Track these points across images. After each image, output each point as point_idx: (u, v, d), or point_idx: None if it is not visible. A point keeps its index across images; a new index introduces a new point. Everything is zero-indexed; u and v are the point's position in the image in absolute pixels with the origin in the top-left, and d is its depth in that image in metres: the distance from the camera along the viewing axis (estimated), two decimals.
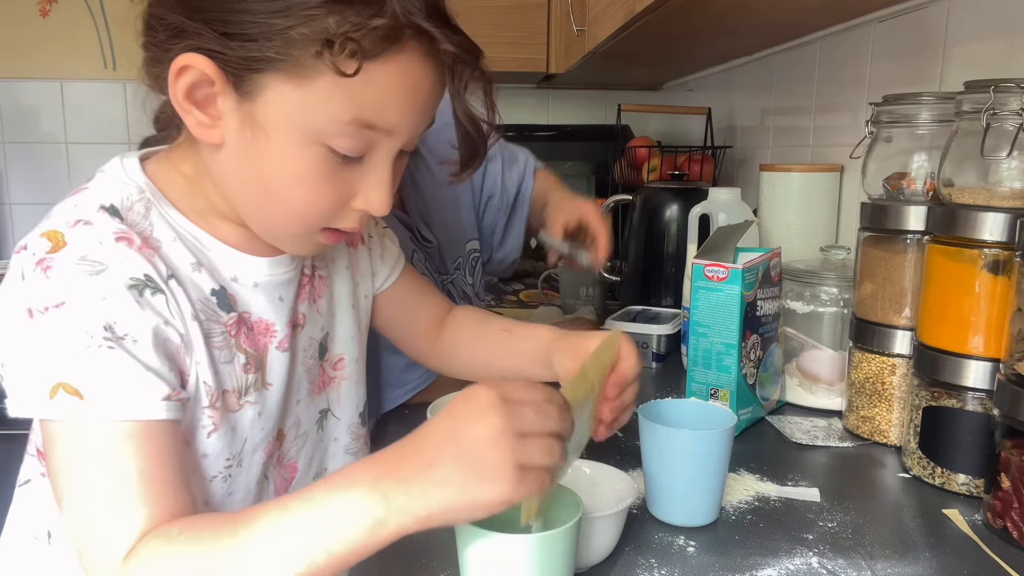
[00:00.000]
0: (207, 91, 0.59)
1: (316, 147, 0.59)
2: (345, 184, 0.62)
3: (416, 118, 0.62)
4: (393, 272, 0.87)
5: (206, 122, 0.60)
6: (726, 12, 1.20)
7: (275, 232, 0.66)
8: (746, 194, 1.34)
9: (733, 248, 1.03)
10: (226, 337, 0.65)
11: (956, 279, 0.79)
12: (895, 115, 0.94)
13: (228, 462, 0.65)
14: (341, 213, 0.64)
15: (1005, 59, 0.94)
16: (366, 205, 0.63)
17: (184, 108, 0.59)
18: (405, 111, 0.60)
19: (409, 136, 0.63)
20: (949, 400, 0.80)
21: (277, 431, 0.71)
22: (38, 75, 2.29)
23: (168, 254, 0.62)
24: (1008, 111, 0.73)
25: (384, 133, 0.60)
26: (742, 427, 0.95)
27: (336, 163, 0.60)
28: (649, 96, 2.46)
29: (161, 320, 0.59)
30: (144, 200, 0.63)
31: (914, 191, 0.94)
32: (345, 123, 0.58)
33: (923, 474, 0.82)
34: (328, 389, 0.79)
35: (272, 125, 0.58)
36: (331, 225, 0.65)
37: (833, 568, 0.66)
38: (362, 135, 0.59)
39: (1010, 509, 0.70)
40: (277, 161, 0.60)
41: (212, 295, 0.64)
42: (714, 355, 0.93)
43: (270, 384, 0.69)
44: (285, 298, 0.71)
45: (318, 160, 0.59)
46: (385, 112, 0.59)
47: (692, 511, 0.72)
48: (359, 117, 0.58)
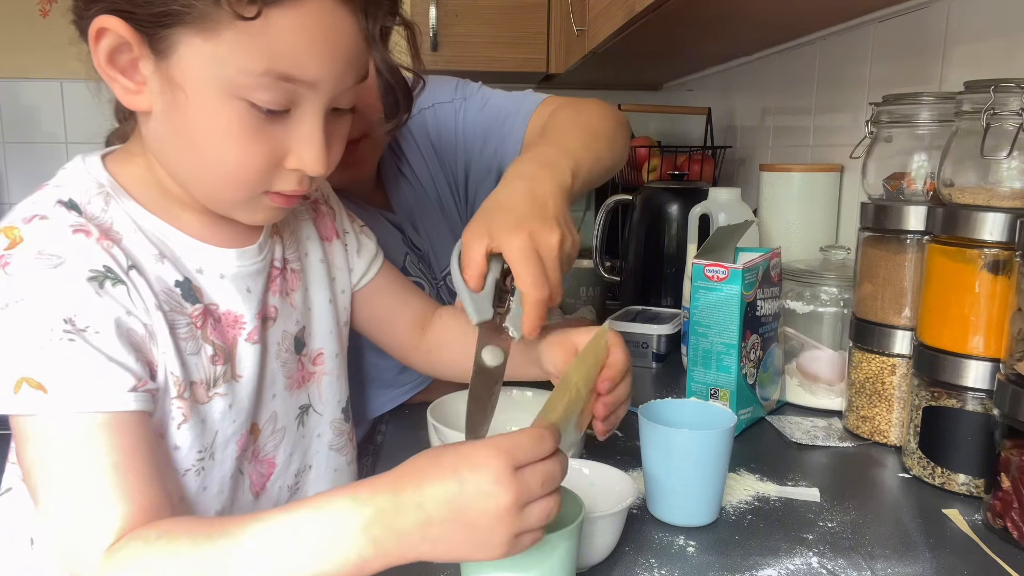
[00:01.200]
0: (128, 56, 0.59)
1: (236, 102, 0.58)
2: (275, 141, 0.61)
3: (336, 69, 0.60)
4: (370, 269, 0.86)
5: (132, 88, 0.60)
6: (726, 12, 1.20)
7: (220, 199, 0.64)
8: (746, 194, 1.34)
9: (733, 248, 1.03)
10: (191, 328, 0.64)
11: (956, 279, 0.79)
12: (895, 115, 0.94)
13: (200, 455, 0.65)
14: (277, 174, 0.63)
15: (1005, 59, 0.94)
16: (300, 164, 0.62)
17: (109, 75, 0.59)
18: (321, 61, 0.58)
19: (334, 89, 0.61)
20: (949, 400, 0.80)
21: (251, 425, 0.70)
22: (38, 75, 2.29)
23: (129, 246, 0.62)
24: (1008, 111, 0.73)
25: (305, 86, 0.59)
26: (742, 427, 0.95)
27: (260, 118, 0.59)
28: (649, 96, 2.46)
29: (123, 310, 0.58)
30: (103, 194, 0.63)
31: (914, 191, 0.94)
32: (259, 75, 0.57)
33: (923, 474, 0.82)
34: (308, 384, 0.78)
35: (189, 83, 0.58)
36: (271, 188, 0.63)
37: (833, 568, 0.66)
38: (281, 87, 0.58)
39: (1010, 509, 0.70)
40: (200, 120, 0.59)
41: (176, 286, 0.64)
42: (714, 355, 0.93)
43: (240, 376, 0.68)
44: (253, 290, 0.70)
45: (240, 116, 0.58)
46: (300, 62, 0.57)
47: (692, 511, 0.72)
48: (272, 68, 0.57)
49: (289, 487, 0.76)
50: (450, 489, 0.50)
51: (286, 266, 0.75)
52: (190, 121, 0.59)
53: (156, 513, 0.56)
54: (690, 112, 1.96)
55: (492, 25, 1.95)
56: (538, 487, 0.51)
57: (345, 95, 0.63)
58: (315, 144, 0.61)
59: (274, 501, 0.74)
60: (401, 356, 0.91)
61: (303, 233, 0.79)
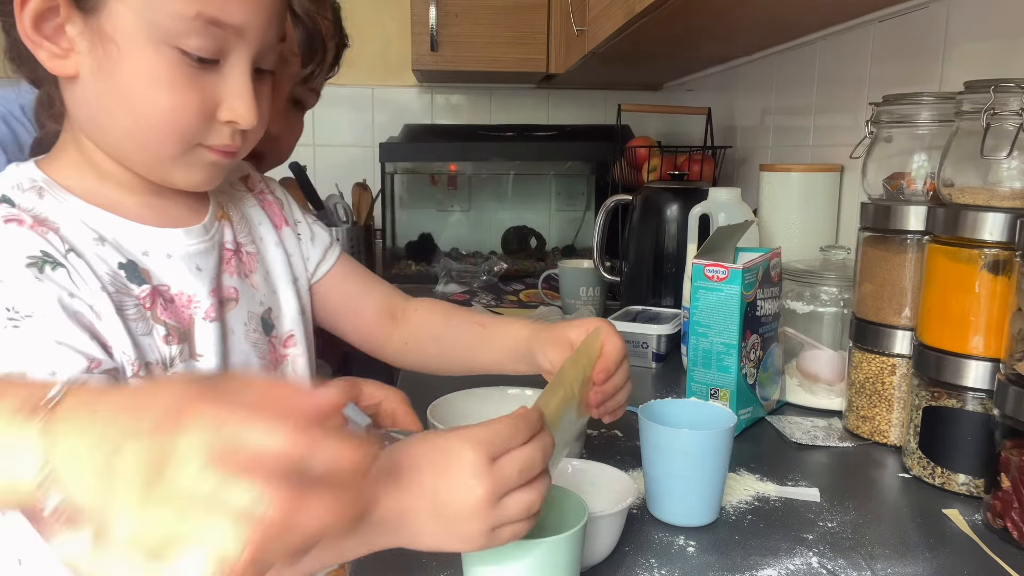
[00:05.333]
0: (53, 22, 0.59)
1: (168, 49, 0.59)
2: (207, 92, 0.62)
3: (261, 15, 0.62)
4: (327, 258, 0.86)
5: (58, 52, 0.60)
6: (726, 12, 1.20)
7: (154, 155, 0.64)
8: (746, 194, 1.34)
9: (733, 248, 1.03)
10: (140, 309, 0.64)
11: (956, 279, 0.79)
12: (895, 115, 0.94)
13: None
14: (210, 127, 0.64)
15: (1005, 59, 0.94)
16: (232, 115, 0.63)
17: (35, 42, 0.60)
18: (248, 5, 0.61)
19: (260, 40, 0.63)
20: (949, 400, 0.80)
21: None
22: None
23: (66, 234, 0.62)
24: (1008, 111, 0.73)
25: (233, 33, 0.61)
26: (742, 427, 0.95)
27: (192, 67, 0.60)
28: (649, 96, 2.46)
29: (65, 292, 0.59)
30: (36, 189, 0.64)
31: (914, 191, 0.94)
32: (190, 19, 0.58)
33: (923, 474, 0.82)
34: (283, 366, 0.78)
35: (121, 33, 0.59)
36: (205, 141, 0.64)
37: (833, 568, 0.66)
38: (211, 33, 0.59)
39: (1010, 509, 0.70)
40: (133, 69, 0.60)
41: (120, 268, 0.64)
42: (714, 355, 0.93)
43: (200, 355, 0.68)
44: (204, 268, 0.70)
45: (172, 63, 0.60)
46: (228, 5, 0.59)
47: (692, 511, 0.72)
48: (203, 12, 0.58)
49: None
50: (424, 476, 0.50)
51: (240, 248, 0.75)
52: (123, 72, 0.60)
53: None
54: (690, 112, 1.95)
55: (492, 25, 1.95)
56: (515, 476, 0.51)
57: (268, 53, 0.65)
58: (245, 95, 0.63)
59: None
60: (373, 350, 0.90)
61: (255, 218, 0.80)
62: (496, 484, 0.50)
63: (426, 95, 2.47)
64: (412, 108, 2.46)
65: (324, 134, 2.40)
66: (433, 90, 2.47)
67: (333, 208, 2.01)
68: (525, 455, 0.51)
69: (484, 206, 2.26)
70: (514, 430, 0.51)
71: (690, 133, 2.07)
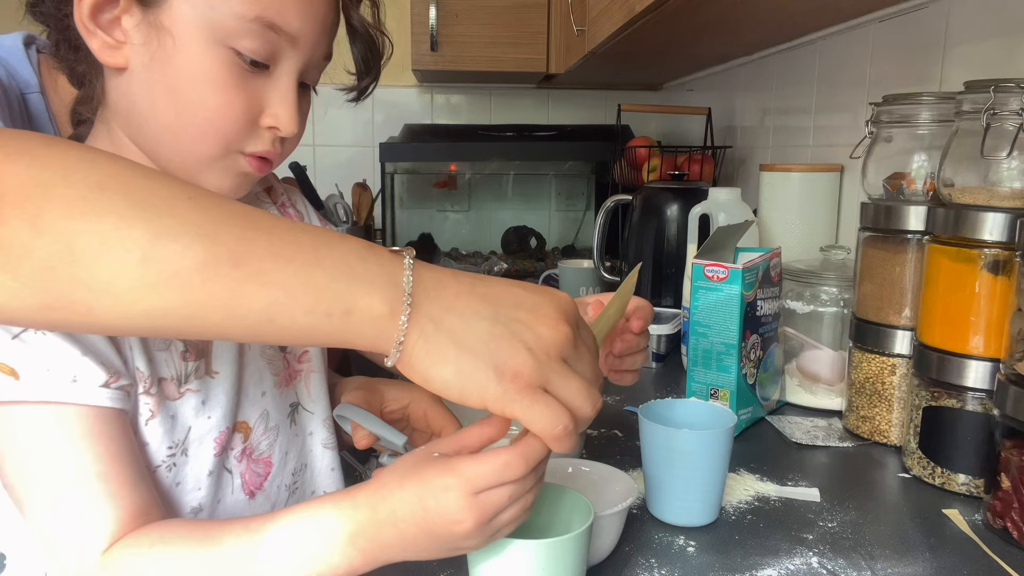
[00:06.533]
0: (112, 13, 0.60)
1: (222, 49, 0.60)
2: (253, 95, 0.63)
3: (316, 26, 0.63)
4: None
5: (111, 43, 0.61)
6: (726, 12, 1.20)
7: (193, 153, 0.64)
8: (746, 194, 1.34)
9: (733, 248, 1.03)
10: None
11: (956, 279, 0.79)
12: (895, 115, 0.94)
13: (171, 451, 0.64)
14: (252, 131, 0.64)
15: (1005, 59, 0.94)
16: (275, 120, 0.64)
17: (89, 30, 0.60)
18: (305, 13, 0.62)
19: (311, 51, 0.64)
20: (949, 400, 0.80)
21: (235, 423, 0.70)
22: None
23: None
24: (1008, 111, 0.73)
25: (287, 40, 0.62)
26: (742, 427, 0.95)
27: (243, 69, 0.61)
28: (649, 96, 2.46)
29: None
30: None
31: (914, 191, 0.94)
32: (249, 21, 0.59)
33: (923, 474, 0.82)
34: (296, 382, 0.78)
35: (179, 27, 0.59)
36: (244, 148, 0.64)
37: (833, 568, 0.66)
38: (267, 37, 0.60)
39: (1010, 509, 0.70)
40: (186, 65, 0.60)
41: None
42: (714, 355, 0.93)
43: (216, 372, 0.68)
44: None
45: (225, 63, 0.60)
46: (287, 11, 0.60)
47: (692, 511, 0.72)
48: (262, 16, 0.59)
49: (287, 486, 0.76)
50: (417, 514, 0.52)
51: None
52: (175, 69, 0.60)
53: (146, 517, 0.57)
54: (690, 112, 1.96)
55: (492, 25, 1.95)
56: (504, 502, 0.51)
57: (313, 69, 0.66)
58: (290, 102, 0.64)
59: (272, 501, 0.73)
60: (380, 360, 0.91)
61: None
62: (483, 514, 0.51)
63: (426, 95, 2.47)
64: (412, 108, 2.46)
65: (324, 134, 2.40)
66: (433, 90, 2.47)
67: (333, 208, 2.01)
68: (514, 490, 0.52)
69: (484, 206, 2.26)
70: (503, 468, 0.51)
71: (690, 133, 2.07)
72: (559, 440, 0.49)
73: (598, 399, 0.51)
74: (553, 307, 0.51)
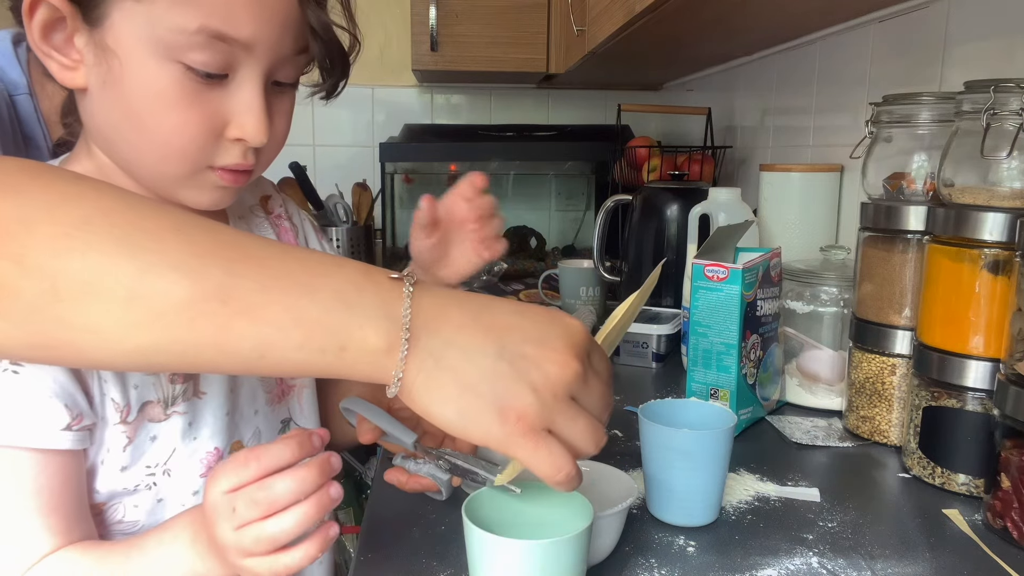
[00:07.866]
0: (62, 32, 0.57)
1: (171, 65, 0.56)
2: (214, 109, 0.59)
3: (271, 30, 0.58)
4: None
5: (67, 64, 0.58)
6: (726, 12, 1.20)
7: (162, 174, 0.62)
8: (746, 194, 1.34)
9: (733, 248, 1.03)
10: None
11: (956, 279, 0.79)
12: (895, 115, 0.94)
13: (150, 471, 0.64)
14: (219, 146, 0.61)
15: (1005, 59, 0.94)
16: (241, 132, 0.60)
17: (44, 52, 0.58)
18: (254, 18, 0.57)
19: (272, 55, 0.59)
20: (949, 400, 0.80)
21: (228, 443, 0.69)
22: None
23: None
24: (1008, 111, 0.73)
25: (241, 47, 0.57)
26: (742, 427, 0.95)
27: (198, 83, 0.57)
28: (649, 96, 2.46)
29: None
30: None
31: (914, 191, 0.94)
32: (192, 33, 0.55)
33: (923, 474, 0.82)
34: (288, 398, 0.77)
35: (123, 48, 0.56)
36: (213, 162, 0.61)
37: (833, 568, 0.66)
38: (217, 48, 0.56)
39: (1010, 509, 0.70)
40: (136, 85, 0.57)
41: None
42: (714, 355, 0.93)
43: (203, 393, 0.67)
44: None
45: (177, 79, 0.57)
46: (233, 19, 0.56)
47: (692, 511, 0.72)
48: (206, 25, 0.55)
49: None
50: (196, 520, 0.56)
51: None
52: (126, 90, 0.57)
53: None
54: (690, 112, 1.95)
55: (492, 25, 1.95)
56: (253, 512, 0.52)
57: (285, 66, 0.62)
58: (255, 110, 0.60)
59: None
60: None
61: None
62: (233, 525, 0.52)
63: (426, 95, 2.47)
64: (412, 108, 2.46)
65: (324, 134, 2.40)
66: (433, 90, 2.47)
67: (333, 208, 2.00)
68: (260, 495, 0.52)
69: None
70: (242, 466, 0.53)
71: (690, 133, 2.07)
72: (560, 485, 0.49)
73: (602, 438, 0.50)
74: (562, 340, 0.49)
